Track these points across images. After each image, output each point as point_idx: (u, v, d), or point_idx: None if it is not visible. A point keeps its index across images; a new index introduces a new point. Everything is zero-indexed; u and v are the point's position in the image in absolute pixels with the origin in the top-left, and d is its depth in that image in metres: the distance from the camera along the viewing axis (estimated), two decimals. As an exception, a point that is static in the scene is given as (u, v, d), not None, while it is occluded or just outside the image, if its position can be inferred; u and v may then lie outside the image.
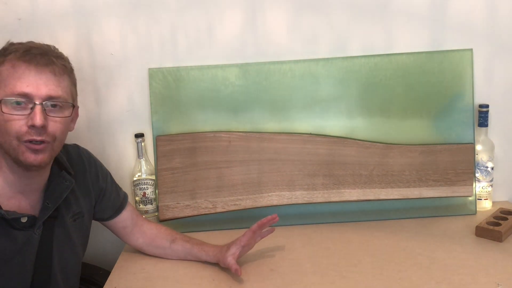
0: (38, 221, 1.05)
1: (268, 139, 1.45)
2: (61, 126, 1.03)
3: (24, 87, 0.97)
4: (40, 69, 0.99)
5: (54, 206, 1.08)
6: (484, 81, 1.49)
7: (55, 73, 1.01)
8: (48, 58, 1.01)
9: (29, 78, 0.98)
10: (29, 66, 0.98)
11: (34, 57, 0.99)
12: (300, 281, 1.14)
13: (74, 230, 1.15)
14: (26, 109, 0.98)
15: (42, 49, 1.03)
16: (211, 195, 1.45)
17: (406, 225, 1.42)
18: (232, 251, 1.18)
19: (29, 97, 0.98)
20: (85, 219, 1.19)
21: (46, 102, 0.99)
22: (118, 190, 1.30)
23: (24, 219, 1.02)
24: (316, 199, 1.46)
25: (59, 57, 1.04)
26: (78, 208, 1.16)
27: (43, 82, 0.99)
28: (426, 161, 1.46)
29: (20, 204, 1.05)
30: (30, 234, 1.04)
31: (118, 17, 1.43)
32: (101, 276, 1.36)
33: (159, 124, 1.46)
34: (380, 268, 1.18)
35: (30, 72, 0.98)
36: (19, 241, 1.02)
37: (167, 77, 1.45)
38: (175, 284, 1.16)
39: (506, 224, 1.32)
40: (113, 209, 1.26)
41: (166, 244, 1.28)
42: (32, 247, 1.05)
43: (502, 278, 1.11)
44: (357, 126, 1.47)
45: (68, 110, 1.04)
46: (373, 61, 1.45)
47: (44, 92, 0.99)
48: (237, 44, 1.46)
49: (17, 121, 0.98)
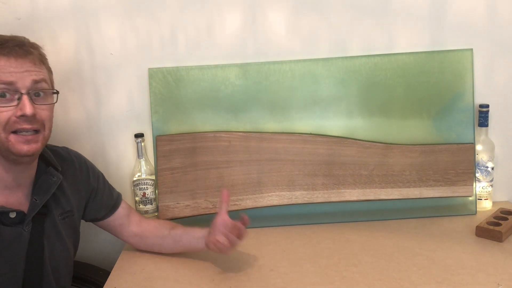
0: (27, 217, 1.05)
1: (268, 139, 1.45)
2: (48, 113, 1.05)
3: (8, 77, 0.98)
4: (20, 60, 1.00)
5: (42, 202, 1.08)
6: (484, 81, 1.49)
7: (34, 62, 1.02)
8: (25, 48, 1.02)
9: (10, 69, 0.99)
10: (9, 58, 0.99)
11: (12, 49, 1.00)
12: (300, 281, 1.14)
13: (64, 228, 1.14)
14: (12, 100, 0.99)
15: (17, 40, 1.04)
16: (211, 195, 1.45)
17: (406, 225, 1.42)
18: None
19: (14, 86, 0.98)
20: (75, 218, 1.18)
21: (31, 91, 1.00)
22: (112, 190, 1.29)
23: (13, 214, 1.03)
24: (316, 199, 1.46)
25: (34, 46, 1.05)
26: (68, 206, 1.16)
27: (26, 71, 1.00)
28: (426, 161, 1.46)
29: (7, 200, 1.05)
30: (20, 230, 1.04)
31: (118, 17, 1.43)
32: (101, 276, 1.36)
33: (159, 124, 1.46)
34: (380, 268, 1.18)
35: (11, 64, 0.99)
36: (8, 237, 1.03)
37: (167, 77, 1.45)
38: (175, 284, 1.16)
39: (506, 224, 1.32)
40: (106, 208, 1.26)
41: (166, 232, 1.28)
42: (22, 243, 1.05)
43: (502, 278, 1.11)
44: (357, 126, 1.47)
45: (51, 97, 1.06)
46: (373, 61, 1.45)
47: (28, 81, 1.00)
48: (237, 44, 1.46)
49: (5, 113, 0.99)
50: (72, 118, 1.47)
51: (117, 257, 1.32)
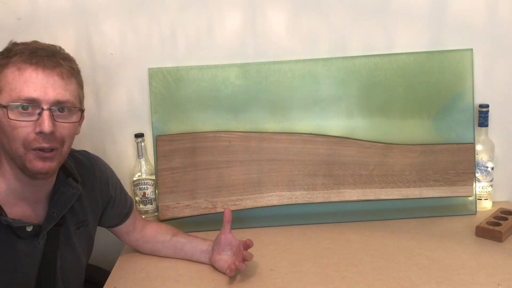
0: (42, 231, 1.02)
1: (268, 139, 1.45)
2: (69, 132, 0.99)
3: (31, 92, 0.93)
4: (48, 72, 0.94)
5: (59, 215, 1.05)
6: (484, 81, 1.49)
7: (62, 76, 0.96)
8: (55, 60, 0.96)
9: (36, 82, 0.93)
10: (36, 69, 0.94)
11: (41, 60, 0.94)
12: (300, 281, 1.14)
13: (77, 239, 1.12)
14: (33, 114, 0.94)
15: (49, 50, 0.98)
16: (211, 195, 1.45)
17: (406, 225, 1.42)
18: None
19: (36, 102, 0.94)
20: (89, 227, 1.16)
21: (53, 107, 0.95)
22: (126, 196, 1.27)
23: (30, 228, 0.99)
24: (316, 199, 1.46)
25: (66, 58, 1.00)
26: (84, 216, 1.13)
27: (51, 86, 0.95)
28: (426, 161, 1.46)
29: (24, 213, 1.01)
30: (34, 243, 1.01)
31: (118, 17, 1.43)
32: (101, 276, 1.35)
33: (159, 124, 1.46)
34: (380, 268, 1.18)
35: (37, 75, 0.94)
36: (23, 250, 1.00)
37: (167, 77, 1.45)
38: (175, 284, 1.16)
39: (506, 224, 1.32)
40: (119, 217, 1.25)
41: (167, 237, 1.27)
42: (36, 257, 1.02)
43: (502, 278, 1.11)
44: (357, 126, 1.47)
45: (76, 115, 1.01)
46: (373, 61, 1.45)
47: (51, 97, 0.94)
48: (237, 44, 1.46)
49: (24, 128, 0.93)
50: (72, 118, 1.47)
51: (117, 257, 1.32)
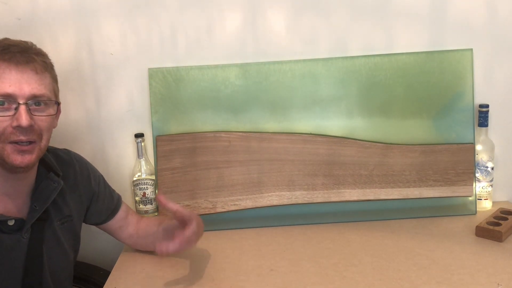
0: (26, 225, 1.03)
1: (268, 139, 1.45)
2: (46, 124, 1.01)
3: (7, 88, 0.95)
4: (21, 68, 0.96)
5: (42, 209, 1.06)
6: (484, 81, 1.49)
7: (36, 71, 0.98)
8: (28, 55, 0.98)
9: (10, 77, 0.95)
10: (9, 65, 0.96)
11: (14, 56, 0.96)
12: (300, 281, 1.14)
13: (63, 233, 1.13)
14: (10, 109, 0.96)
15: (21, 46, 0.99)
16: (211, 195, 1.45)
17: (406, 225, 1.42)
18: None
19: (12, 97, 0.95)
20: (74, 222, 1.16)
21: (30, 102, 0.97)
22: (112, 193, 1.28)
23: (11, 222, 1.01)
24: (316, 199, 1.46)
25: (39, 53, 1.01)
26: (68, 211, 1.14)
27: (25, 81, 0.96)
28: (426, 161, 1.46)
29: (6, 207, 1.02)
30: (18, 237, 1.02)
31: (118, 17, 1.43)
32: (101, 276, 1.36)
33: (159, 124, 1.46)
34: (380, 268, 1.18)
35: (11, 71, 0.96)
36: (6, 244, 1.01)
37: (167, 77, 1.45)
38: (175, 284, 1.16)
39: (506, 224, 1.32)
40: (107, 212, 1.25)
41: (155, 228, 1.26)
42: (21, 250, 1.03)
43: (502, 278, 1.11)
44: (357, 126, 1.47)
45: (53, 108, 1.03)
46: (373, 61, 1.45)
47: (27, 91, 0.96)
48: (237, 44, 1.46)
49: (2, 123, 0.95)
50: (72, 118, 1.47)
51: (117, 257, 1.32)
